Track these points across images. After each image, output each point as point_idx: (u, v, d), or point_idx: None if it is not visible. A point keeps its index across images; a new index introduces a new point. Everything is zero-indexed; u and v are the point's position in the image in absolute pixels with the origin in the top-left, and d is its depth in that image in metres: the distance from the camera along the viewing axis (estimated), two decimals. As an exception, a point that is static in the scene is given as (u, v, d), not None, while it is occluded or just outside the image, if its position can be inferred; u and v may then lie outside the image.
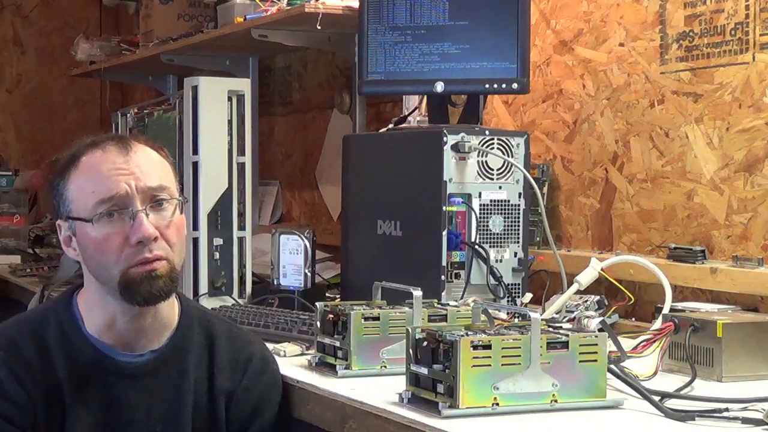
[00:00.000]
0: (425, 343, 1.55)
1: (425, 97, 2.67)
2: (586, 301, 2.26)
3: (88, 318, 1.75)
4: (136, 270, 1.67)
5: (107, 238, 1.68)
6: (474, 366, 1.49)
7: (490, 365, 1.50)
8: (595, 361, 1.56)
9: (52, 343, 1.72)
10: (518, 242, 2.31)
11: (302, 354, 2.01)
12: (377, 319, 1.83)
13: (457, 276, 2.25)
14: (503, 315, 1.94)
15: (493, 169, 2.29)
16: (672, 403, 1.56)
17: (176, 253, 1.72)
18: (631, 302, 2.23)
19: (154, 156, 1.75)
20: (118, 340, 1.74)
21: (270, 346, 1.96)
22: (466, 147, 2.25)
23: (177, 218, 1.72)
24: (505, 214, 2.30)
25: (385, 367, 1.83)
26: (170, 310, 1.78)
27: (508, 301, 2.27)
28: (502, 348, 1.51)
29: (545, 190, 2.65)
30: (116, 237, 1.67)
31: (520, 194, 2.31)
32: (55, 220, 1.78)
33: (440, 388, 1.51)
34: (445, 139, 2.24)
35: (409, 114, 2.69)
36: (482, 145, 2.28)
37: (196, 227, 2.51)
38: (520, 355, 1.52)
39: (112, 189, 1.68)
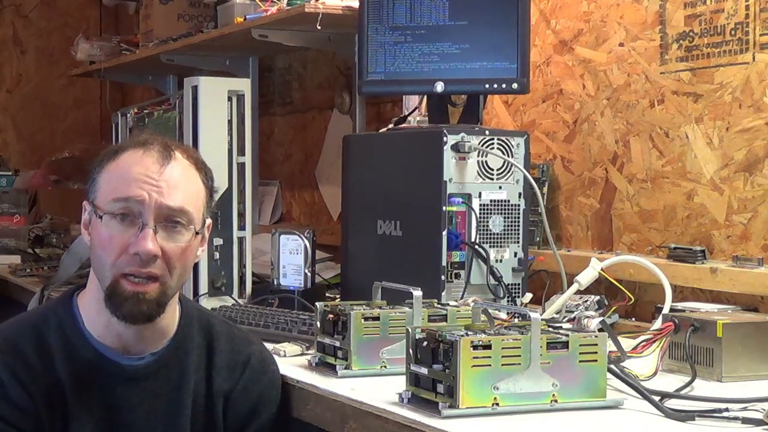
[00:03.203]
0: (425, 343, 1.55)
1: (425, 97, 2.67)
2: (586, 301, 2.26)
3: (88, 319, 1.74)
4: (126, 285, 1.66)
5: (110, 238, 1.67)
6: (474, 366, 1.49)
7: (490, 365, 1.50)
8: (595, 361, 1.56)
9: (53, 345, 1.72)
10: (518, 242, 2.31)
11: (302, 354, 2.01)
12: (377, 319, 1.83)
13: (457, 276, 2.25)
14: (503, 315, 1.94)
15: (493, 169, 2.29)
16: (672, 403, 1.56)
17: (174, 278, 1.69)
18: (631, 302, 2.23)
19: (191, 176, 1.73)
20: (118, 342, 1.74)
21: (270, 346, 1.96)
22: (466, 147, 2.25)
23: (186, 245, 1.69)
24: (505, 214, 2.30)
25: (385, 367, 1.83)
26: (171, 314, 1.77)
27: (508, 301, 2.27)
28: (502, 348, 1.51)
29: (545, 190, 2.65)
30: (119, 240, 1.66)
31: (520, 194, 2.31)
32: (84, 199, 1.76)
33: (440, 388, 1.51)
34: (445, 139, 2.24)
35: (409, 114, 2.69)
36: (482, 145, 2.28)
37: (196, 227, 2.51)
38: (520, 355, 1.52)
39: (132, 192, 1.67)
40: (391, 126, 2.59)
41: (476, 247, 2.26)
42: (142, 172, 1.69)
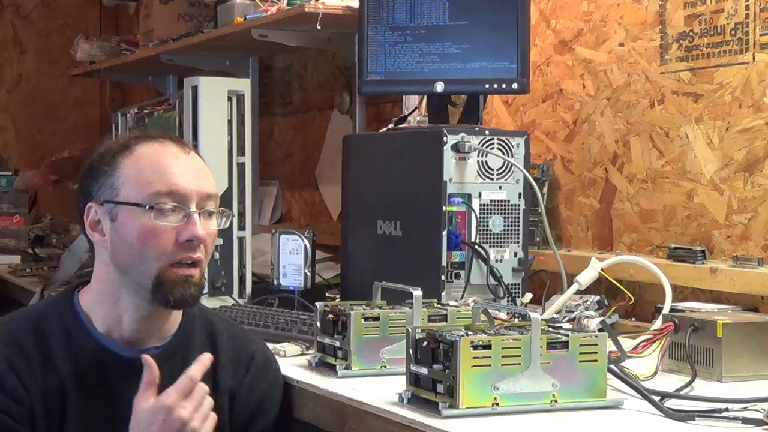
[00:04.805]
0: (425, 343, 1.55)
1: (425, 97, 2.67)
2: (586, 301, 2.26)
3: (93, 314, 1.74)
4: (175, 271, 1.68)
5: (156, 231, 1.67)
6: (474, 366, 1.49)
7: (490, 365, 1.50)
8: (595, 361, 1.56)
9: (54, 338, 1.72)
10: (518, 242, 2.31)
11: (302, 354, 2.02)
12: (377, 319, 1.83)
13: (457, 276, 2.25)
14: (503, 315, 1.94)
15: (493, 169, 2.29)
16: (672, 403, 1.57)
17: (206, 262, 1.73)
18: (631, 302, 2.23)
19: (205, 163, 1.77)
20: (121, 336, 1.74)
21: (270, 346, 1.96)
22: (466, 147, 2.25)
23: (217, 229, 1.74)
24: (505, 214, 2.30)
25: (385, 367, 1.83)
26: (177, 311, 1.78)
27: (508, 301, 2.27)
28: (502, 348, 1.51)
29: (545, 190, 2.65)
30: (167, 232, 1.67)
31: (520, 194, 2.32)
32: (85, 203, 1.74)
33: (440, 388, 1.51)
34: (445, 139, 2.24)
35: (409, 114, 2.70)
36: (482, 145, 2.28)
37: (196, 227, 2.50)
38: (520, 355, 1.52)
39: (175, 184, 1.68)
40: (391, 126, 2.59)
41: (476, 247, 2.26)
42: (173, 162, 1.71)
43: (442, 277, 2.23)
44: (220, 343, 1.82)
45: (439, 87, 2.44)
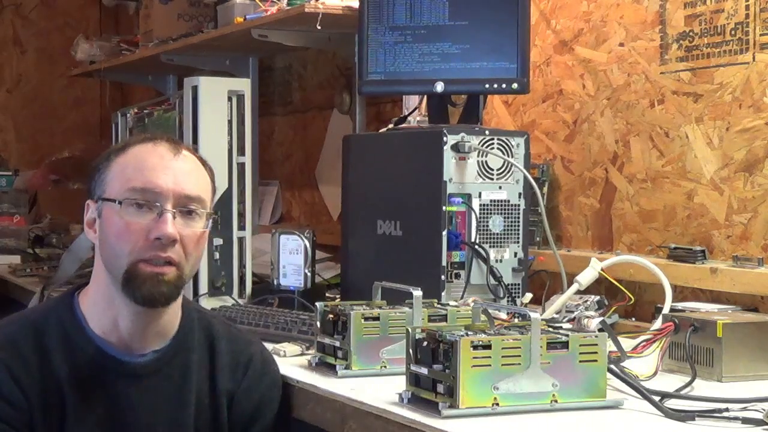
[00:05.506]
0: (425, 343, 1.55)
1: (425, 97, 2.67)
2: (586, 301, 2.26)
3: (91, 317, 1.74)
4: (145, 267, 1.67)
5: (128, 226, 1.68)
6: (474, 366, 1.49)
7: (490, 365, 1.50)
8: (595, 361, 1.56)
9: (53, 343, 1.72)
10: (518, 242, 2.31)
11: (302, 354, 2.02)
12: (377, 319, 1.83)
13: (457, 276, 2.25)
14: (503, 315, 1.93)
15: (493, 169, 2.29)
16: (672, 403, 1.56)
17: (189, 264, 1.72)
18: (631, 302, 2.23)
19: (200, 169, 1.77)
20: (120, 339, 1.74)
21: (270, 346, 1.96)
22: (466, 147, 2.25)
23: (201, 232, 1.73)
24: (505, 214, 2.30)
25: (385, 367, 1.83)
26: (174, 312, 1.78)
27: (508, 301, 2.27)
28: (502, 348, 1.51)
29: (545, 190, 2.65)
30: (138, 228, 1.67)
31: (520, 194, 2.31)
32: (86, 200, 1.77)
33: (440, 388, 1.51)
34: (445, 139, 2.24)
35: (409, 114, 2.69)
36: (482, 145, 2.28)
37: (195, 227, 2.50)
38: (520, 355, 1.52)
39: (150, 181, 1.69)
40: (391, 126, 2.59)
41: (476, 247, 2.26)
42: (157, 161, 1.71)
43: (442, 277, 2.23)
44: (218, 346, 1.82)
45: (439, 87, 2.44)
